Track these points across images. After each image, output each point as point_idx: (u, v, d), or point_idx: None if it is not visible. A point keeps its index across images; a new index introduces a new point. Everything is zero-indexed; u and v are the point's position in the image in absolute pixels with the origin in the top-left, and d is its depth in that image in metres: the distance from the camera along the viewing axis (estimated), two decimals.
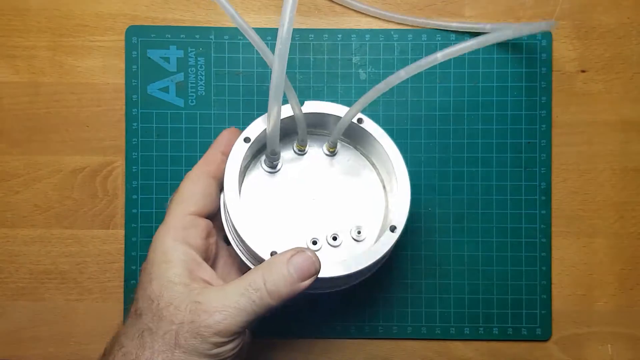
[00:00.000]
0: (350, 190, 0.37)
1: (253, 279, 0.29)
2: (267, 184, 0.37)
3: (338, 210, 0.37)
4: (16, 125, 0.41)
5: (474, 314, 0.41)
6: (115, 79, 0.41)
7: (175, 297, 0.29)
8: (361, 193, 0.37)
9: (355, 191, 0.37)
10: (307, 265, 0.30)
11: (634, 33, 0.41)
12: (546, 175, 0.41)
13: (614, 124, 0.41)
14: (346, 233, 0.36)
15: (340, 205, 0.37)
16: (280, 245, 0.32)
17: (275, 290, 0.29)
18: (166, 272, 0.30)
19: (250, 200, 0.36)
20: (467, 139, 0.41)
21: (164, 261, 0.31)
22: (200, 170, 0.34)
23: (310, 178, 0.37)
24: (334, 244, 0.36)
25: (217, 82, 0.41)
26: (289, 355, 0.41)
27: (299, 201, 0.36)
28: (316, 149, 0.37)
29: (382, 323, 0.41)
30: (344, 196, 0.37)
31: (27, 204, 0.41)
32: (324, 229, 0.36)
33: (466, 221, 0.41)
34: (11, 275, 0.41)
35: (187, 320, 0.29)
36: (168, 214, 0.33)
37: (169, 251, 0.31)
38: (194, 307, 0.29)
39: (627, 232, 0.41)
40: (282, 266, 0.30)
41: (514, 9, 0.41)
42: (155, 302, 0.29)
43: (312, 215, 0.36)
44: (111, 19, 0.41)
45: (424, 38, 0.41)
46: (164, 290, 0.30)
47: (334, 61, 0.41)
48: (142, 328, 0.29)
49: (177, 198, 0.33)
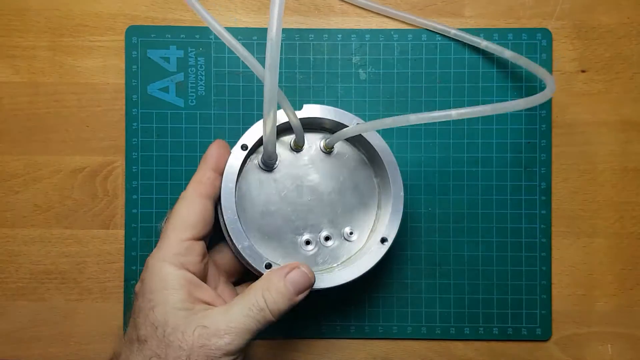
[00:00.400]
0: (345, 189, 0.37)
1: (255, 300, 0.31)
2: (263, 181, 0.37)
3: (332, 210, 0.37)
4: (16, 125, 0.41)
5: (474, 314, 0.41)
6: (115, 79, 0.41)
7: (180, 323, 0.30)
8: (356, 192, 0.37)
9: (350, 190, 0.37)
10: (303, 281, 0.32)
11: (634, 33, 0.41)
12: (546, 175, 0.41)
13: (614, 124, 0.41)
14: (339, 233, 0.37)
15: (335, 205, 0.37)
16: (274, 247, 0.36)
17: (276, 308, 0.31)
18: (168, 299, 0.30)
19: (245, 197, 0.36)
20: (467, 139, 0.41)
21: (164, 287, 0.31)
22: (193, 191, 0.33)
23: (306, 177, 0.37)
24: (327, 245, 0.37)
25: (217, 82, 0.41)
26: (289, 355, 0.41)
27: (294, 200, 0.37)
28: (313, 145, 0.37)
29: (382, 323, 0.41)
30: (339, 195, 0.37)
31: (27, 204, 0.41)
32: (317, 228, 0.37)
33: (466, 221, 0.41)
34: (11, 275, 0.41)
35: (197, 345, 0.29)
36: (163, 238, 0.32)
37: (169, 277, 0.31)
38: (202, 331, 0.30)
39: (627, 232, 0.41)
40: (280, 284, 0.32)
41: (514, 9, 0.41)
42: (160, 329, 0.30)
43: (307, 215, 0.37)
44: (111, 19, 0.41)
45: (424, 38, 0.41)
46: (168, 316, 0.30)
47: (334, 61, 0.41)
48: (150, 355, 0.29)
49: (172, 223, 0.33)
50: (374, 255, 0.35)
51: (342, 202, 0.37)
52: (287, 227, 0.36)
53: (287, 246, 0.36)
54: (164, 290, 0.31)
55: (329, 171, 0.37)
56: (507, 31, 0.41)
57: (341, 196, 0.37)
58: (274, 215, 0.36)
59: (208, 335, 0.30)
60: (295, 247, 0.36)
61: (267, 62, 0.30)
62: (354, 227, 0.37)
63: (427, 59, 0.41)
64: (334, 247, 0.37)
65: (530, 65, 0.38)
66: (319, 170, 0.37)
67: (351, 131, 0.35)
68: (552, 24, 0.41)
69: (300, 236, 0.36)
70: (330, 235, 0.37)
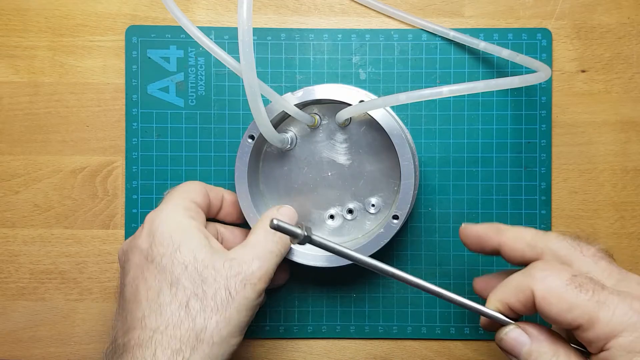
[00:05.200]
0: (365, 161, 0.38)
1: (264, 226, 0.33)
2: (283, 161, 0.38)
3: (354, 182, 0.38)
4: (16, 125, 0.41)
5: (474, 314, 0.40)
6: (115, 79, 0.41)
7: (209, 259, 0.30)
8: (377, 162, 0.38)
9: (371, 160, 0.38)
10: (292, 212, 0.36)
11: (634, 33, 0.41)
12: (546, 175, 0.41)
13: (614, 124, 0.41)
14: (361, 205, 0.38)
15: (357, 177, 0.38)
16: None
17: None
18: (192, 238, 0.31)
19: (268, 178, 0.38)
20: (467, 139, 0.41)
21: (184, 231, 0.31)
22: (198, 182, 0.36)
23: (324, 152, 0.38)
24: (350, 218, 0.38)
25: (217, 82, 0.41)
26: (289, 355, 0.41)
27: (315, 176, 0.38)
28: (329, 120, 0.38)
29: (382, 323, 0.41)
30: (360, 168, 0.38)
31: (27, 204, 0.41)
32: (341, 201, 0.38)
33: (466, 221, 0.41)
34: (11, 275, 0.41)
35: (232, 275, 0.30)
36: (171, 198, 0.33)
37: (184, 223, 0.32)
38: (232, 263, 0.30)
39: (627, 232, 0.41)
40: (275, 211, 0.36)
41: (514, 9, 0.41)
42: (190, 266, 0.30)
43: (329, 190, 0.38)
44: (111, 19, 0.41)
45: (424, 38, 0.41)
46: (197, 252, 0.30)
47: (334, 61, 0.41)
48: (187, 296, 0.29)
49: (178, 188, 0.34)
50: (384, 234, 0.36)
51: (363, 174, 0.38)
52: (311, 203, 0.38)
53: (312, 221, 0.38)
54: (185, 233, 0.31)
55: (347, 144, 0.38)
56: (507, 31, 0.41)
57: (362, 168, 0.38)
58: (298, 193, 0.38)
59: (239, 264, 0.31)
60: (321, 221, 0.38)
61: (241, 56, 0.30)
62: (377, 198, 0.38)
63: (427, 59, 0.41)
64: (357, 220, 0.38)
65: (526, 60, 0.38)
66: (336, 144, 0.38)
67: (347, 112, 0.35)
68: (552, 24, 0.41)
69: (324, 211, 0.38)
70: (353, 209, 0.38)
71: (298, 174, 0.38)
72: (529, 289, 0.27)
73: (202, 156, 0.40)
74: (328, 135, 0.38)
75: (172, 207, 0.32)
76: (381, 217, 0.38)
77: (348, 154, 0.38)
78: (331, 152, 0.38)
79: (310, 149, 0.38)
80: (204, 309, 0.29)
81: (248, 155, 0.36)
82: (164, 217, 0.32)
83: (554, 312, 0.26)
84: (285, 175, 0.38)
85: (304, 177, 0.38)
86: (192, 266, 0.30)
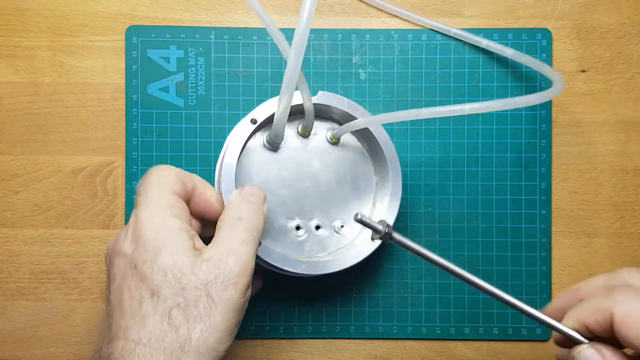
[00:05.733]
0: (343, 181, 0.37)
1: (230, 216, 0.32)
2: (265, 160, 0.37)
3: (328, 200, 0.37)
4: (16, 125, 0.41)
5: (474, 314, 0.41)
6: (115, 79, 0.41)
7: (187, 264, 0.29)
8: (353, 187, 0.38)
9: (349, 183, 0.38)
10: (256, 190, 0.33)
11: (634, 33, 0.41)
12: (546, 175, 0.41)
13: (614, 124, 0.41)
14: (330, 224, 0.37)
15: (331, 196, 0.37)
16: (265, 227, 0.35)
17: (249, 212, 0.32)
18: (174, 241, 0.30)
19: (244, 172, 0.36)
20: (467, 139, 0.41)
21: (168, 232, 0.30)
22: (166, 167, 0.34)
23: (308, 163, 0.37)
24: (316, 233, 0.37)
25: (217, 82, 0.41)
26: (289, 355, 0.41)
27: (292, 184, 0.37)
28: (320, 134, 0.38)
29: (382, 323, 0.41)
30: (337, 187, 0.37)
31: (27, 204, 0.41)
32: (310, 215, 0.37)
33: (466, 221, 0.41)
34: (11, 275, 0.41)
35: (211, 277, 0.29)
36: (147, 193, 0.31)
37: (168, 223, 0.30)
38: (208, 263, 0.29)
39: (627, 232, 0.41)
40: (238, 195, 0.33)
41: (514, 9, 0.41)
42: (169, 273, 0.29)
43: (302, 201, 0.37)
44: (111, 19, 0.41)
45: (424, 38, 0.41)
46: (177, 257, 0.29)
47: (334, 61, 0.41)
48: (169, 307, 0.28)
49: (153, 180, 0.32)
50: (362, 251, 0.35)
51: (338, 194, 0.37)
52: (281, 209, 0.37)
53: (277, 228, 0.37)
54: (168, 236, 0.30)
55: (332, 162, 0.37)
56: (507, 31, 0.41)
57: (338, 188, 0.37)
58: (270, 195, 0.36)
59: (216, 264, 0.29)
60: (285, 230, 0.37)
61: (295, 40, 0.31)
62: (345, 220, 0.37)
63: (427, 59, 0.41)
64: (323, 237, 0.37)
65: (534, 62, 0.38)
66: (322, 159, 0.37)
67: (361, 123, 0.35)
68: (552, 24, 0.41)
69: (291, 220, 0.37)
70: (321, 225, 0.37)
71: (276, 176, 0.37)
72: (609, 311, 0.27)
73: (202, 156, 0.40)
74: (315, 149, 0.37)
75: (156, 207, 0.31)
76: (346, 240, 0.37)
77: (330, 171, 0.37)
78: (314, 165, 0.37)
79: (294, 156, 0.37)
80: (187, 319, 0.28)
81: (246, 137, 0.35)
82: (148, 218, 0.31)
83: (633, 335, 0.26)
84: (263, 172, 0.37)
85: (280, 182, 0.37)
86: (171, 273, 0.29)
